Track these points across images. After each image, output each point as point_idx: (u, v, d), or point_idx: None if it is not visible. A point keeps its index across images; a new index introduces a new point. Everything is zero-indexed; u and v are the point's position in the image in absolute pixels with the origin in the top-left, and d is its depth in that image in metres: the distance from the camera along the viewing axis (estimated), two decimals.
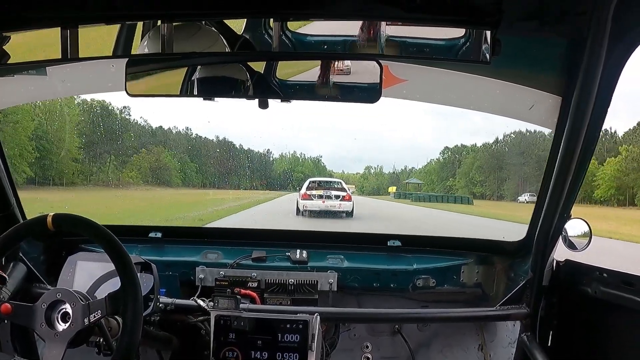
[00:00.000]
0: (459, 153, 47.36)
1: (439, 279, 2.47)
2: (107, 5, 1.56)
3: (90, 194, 28.56)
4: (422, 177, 49.16)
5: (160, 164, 34.81)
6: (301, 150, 51.06)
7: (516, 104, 2.24)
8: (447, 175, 47.27)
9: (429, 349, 2.62)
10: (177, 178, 36.86)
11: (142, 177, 33.69)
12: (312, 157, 45.84)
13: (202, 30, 1.74)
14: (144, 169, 33.77)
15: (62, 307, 1.60)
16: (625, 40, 1.57)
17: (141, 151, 33.48)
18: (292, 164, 43.44)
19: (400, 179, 48.03)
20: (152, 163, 33.84)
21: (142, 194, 30.58)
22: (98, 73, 2.26)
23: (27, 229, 1.69)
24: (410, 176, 48.51)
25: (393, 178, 48.23)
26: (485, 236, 2.66)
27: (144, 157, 33.45)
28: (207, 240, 2.62)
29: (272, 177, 41.13)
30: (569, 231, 2.12)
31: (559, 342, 2.23)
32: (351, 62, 1.77)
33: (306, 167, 43.05)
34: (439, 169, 48.50)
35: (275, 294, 2.35)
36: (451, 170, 47.38)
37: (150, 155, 33.91)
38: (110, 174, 32.62)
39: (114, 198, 26.92)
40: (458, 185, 44.43)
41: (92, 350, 1.73)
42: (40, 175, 28.30)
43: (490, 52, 1.49)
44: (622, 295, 1.85)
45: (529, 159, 39.55)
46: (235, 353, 2.02)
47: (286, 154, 44.52)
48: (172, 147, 38.09)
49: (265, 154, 42.38)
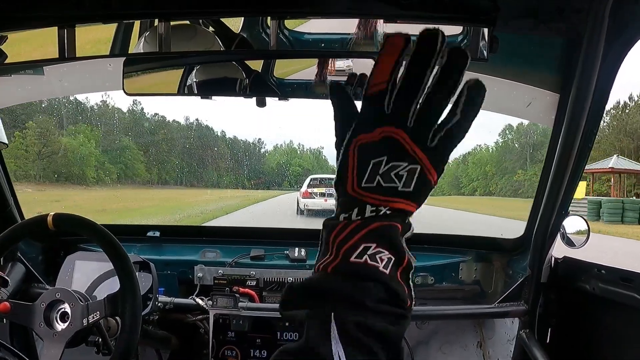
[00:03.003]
0: (534, 133, 34.63)
1: (437, 276, 2.48)
2: (104, 4, 1.55)
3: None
4: (467, 171, 38.59)
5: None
6: (299, 141, 45.25)
7: (514, 101, 2.24)
8: (515, 167, 36.81)
9: (427, 347, 2.63)
10: (91, 172, 25.07)
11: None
12: (312, 149, 40.12)
13: (199, 29, 1.74)
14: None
15: (61, 307, 1.60)
16: (622, 37, 1.57)
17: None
18: (289, 155, 37.92)
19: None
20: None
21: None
22: (95, 72, 2.26)
23: (27, 228, 1.69)
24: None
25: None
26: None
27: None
28: (205, 239, 2.62)
29: (263, 172, 33.60)
30: (567, 228, 2.12)
31: (557, 339, 2.23)
32: (352, 61, 1.78)
33: (305, 159, 38.08)
34: (499, 157, 38.12)
35: (274, 293, 2.36)
36: (520, 158, 36.88)
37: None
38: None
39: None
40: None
41: (90, 350, 1.73)
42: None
43: (488, 49, 1.49)
44: (620, 292, 1.86)
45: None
46: (234, 352, 2.03)
47: (281, 145, 38.85)
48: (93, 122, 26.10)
49: (255, 144, 35.20)
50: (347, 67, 1.77)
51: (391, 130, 0.64)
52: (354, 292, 0.64)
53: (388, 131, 0.64)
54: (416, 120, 0.64)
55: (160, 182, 27.25)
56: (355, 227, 0.66)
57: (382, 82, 0.64)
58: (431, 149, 0.64)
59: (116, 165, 26.54)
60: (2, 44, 1.64)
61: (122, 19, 1.75)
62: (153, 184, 26.93)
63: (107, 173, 26.43)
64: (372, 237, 0.65)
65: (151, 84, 1.86)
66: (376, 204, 0.65)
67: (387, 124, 0.64)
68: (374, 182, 0.65)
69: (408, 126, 0.64)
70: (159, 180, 27.66)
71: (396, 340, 0.65)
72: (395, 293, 0.64)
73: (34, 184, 23.04)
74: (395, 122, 0.64)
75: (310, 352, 0.63)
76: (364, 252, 0.64)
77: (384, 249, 0.65)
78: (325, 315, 0.63)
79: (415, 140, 0.64)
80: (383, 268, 0.64)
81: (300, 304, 0.67)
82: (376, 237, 0.65)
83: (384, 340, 0.63)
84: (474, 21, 1.48)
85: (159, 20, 1.55)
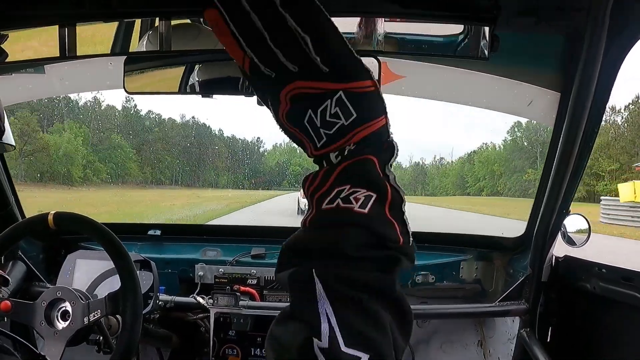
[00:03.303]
0: (544, 131, 32.32)
1: (438, 275, 2.48)
2: (105, 3, 1.55)
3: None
4: (473, 170, 36.68)
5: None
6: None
7: (515, 100, 2.23)
8: (524, 165, 34.79)
9: (428, 345, 2.63)
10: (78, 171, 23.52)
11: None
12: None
13: (203, 27, 1.74)
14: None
15: (62, 306, 1.60)
16: (623, 36, 1.56)
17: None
18: (289, 155, 36.09)
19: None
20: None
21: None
22: (96, 71, 2.26)
23: (28, 227, 1.69)
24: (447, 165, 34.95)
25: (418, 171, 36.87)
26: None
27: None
28: (206, 238, 2.62)
29: (262, 171, 32.10)
30: (567, 227, 2.12)
31: (558, 338, 2.23)
32: None
33: (305, 158, 36.17)
34: (507, 155, 35.89)
35: (275, 291, 2.36)
36: (530, 156, 34.85)
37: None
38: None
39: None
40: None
41: (91, 349, 1.73)
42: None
43: (489, 48, 1.49)
44: (621, 291, 1.86)
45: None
46: (235, 350, 2.03)
47: (280, 144, 37.61)
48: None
49: (254, 142, 33.98)
50: None
51: (289, 88, 0.61)
52: (330, 242, 0.59)
53: (288, 90, 0.62)
54: (292, 62, 0.60)
55: (151, 182, 24.19)
56: (325, 172, 0.62)
57: (241, 58, 0.62)
58: (329, 71, 0.61)
59: (107, 164, 23.99)
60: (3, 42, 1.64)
61: (122, 18, 1.74)
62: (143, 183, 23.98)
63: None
64: (344, 178, 0.60)
65: (152, 83, 1.85)
66: (338, 146, 0.61)
67: (281, 86, 0.62)
68: (323, 137, 0.62)
69: (294, 72, 0.61)
70: (152, 180, 24.50)
71: (390, 288, 0.59)
72: (379, 234, 0.58)
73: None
74: (283, 80, 0.61)
75: (294, 319, 0.58)
76: (336, 197, 0.60)
77: (360, 187, 0.59)
78: (307, 274, 0.58)
79: (312, 79, 0.60)
80: (359, 208, 0.58)
81: (287, 265, 0.64)
82: (348, 177, 0.60)
83: (374, 291, 0.57)
84: (475, 19, 1.48)
85: (159, 18, 1.55)
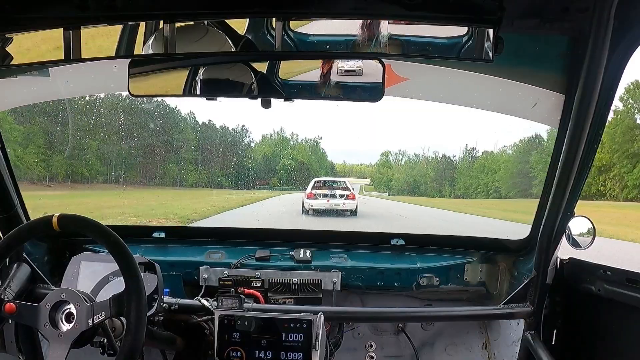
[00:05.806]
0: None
1: (442, 277, 2.47)
2: (109, 6, 1.56)
3: None
4: (479, 175, 33.31)
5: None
6: (292, 129, 32.59)
7: (519, 102, 2.23)
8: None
9: (433, 348, 2.62)
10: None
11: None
12: (308, 139, 30.02)
13: (205, 30, 1.74)
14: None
15: (67, 308, 1.60)
16: (627, 38, 1.56)
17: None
18: (279, 146, 28.83)
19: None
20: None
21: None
22: (101, 74, 2.27)
23: (32, 229, 1.69)
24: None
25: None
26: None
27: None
28: (210, 240, 2.62)
29: (244, 166, 24.75)
30: (572, 229, 2.11)
31: (563, 341, 2.22)
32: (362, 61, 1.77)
33: (300, 151, 28.93)
34: (516, 160, 31.35)
35: (279, 294, 2.36)
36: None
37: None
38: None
39: None
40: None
41: (96, 351, 1.73)
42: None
43: (493, 50, 1.49)
44: (626, 294, 1.85)
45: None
46: (239, 352, 2.02)
47: (270, 135, 28.81)
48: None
49: (238, 131, 24.99)
50: (357, 67, 1.76)
51: None
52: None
53: None
54: None
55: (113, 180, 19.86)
56: None
57: None
58: None
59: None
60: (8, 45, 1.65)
61: (127, 21, 1.75)
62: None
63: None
64: None
65: (156, 85, 1.86)
66: None
67: None
68: None
69: None
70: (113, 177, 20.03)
71: None
72: None
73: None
74: None
75: None
76: None
77: None
78: None
79: None
80: None
81: None
82: None
83: None
84: (479, 21, 1.48)
85: (163, 21, 1.56)
